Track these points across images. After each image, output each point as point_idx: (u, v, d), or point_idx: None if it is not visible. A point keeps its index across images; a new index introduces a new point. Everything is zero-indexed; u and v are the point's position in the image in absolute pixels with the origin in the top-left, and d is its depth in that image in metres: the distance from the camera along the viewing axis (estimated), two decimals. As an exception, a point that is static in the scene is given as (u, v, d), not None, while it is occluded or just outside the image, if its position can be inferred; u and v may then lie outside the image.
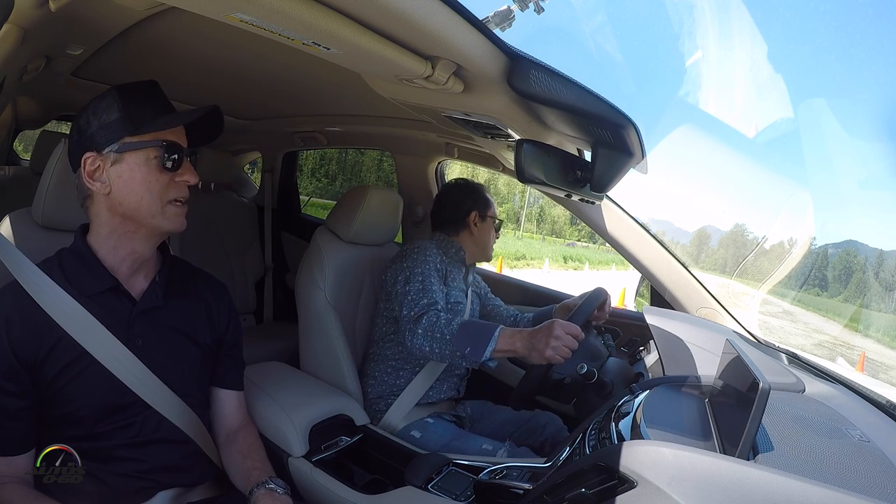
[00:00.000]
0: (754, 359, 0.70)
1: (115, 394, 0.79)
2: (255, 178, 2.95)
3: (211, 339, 0.92)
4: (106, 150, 0.75)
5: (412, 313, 1.17)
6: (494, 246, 1.51)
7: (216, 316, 0.94)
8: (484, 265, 1.76)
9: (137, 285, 0.84)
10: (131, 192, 0.76)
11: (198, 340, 0.90)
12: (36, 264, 0.77)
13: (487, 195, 1.48)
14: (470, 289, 1.44)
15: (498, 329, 1.06)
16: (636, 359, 1.36)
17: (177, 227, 0.81)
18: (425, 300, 1.18)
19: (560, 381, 1.09)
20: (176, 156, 0.78)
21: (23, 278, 0.75)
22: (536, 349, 1.00)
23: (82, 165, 0.76)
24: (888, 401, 0.89)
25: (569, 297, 1.75)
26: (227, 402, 0.97)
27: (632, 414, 0.81)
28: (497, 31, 0.78)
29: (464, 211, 1.44)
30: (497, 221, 1.49)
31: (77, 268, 0.79)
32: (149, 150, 0.76)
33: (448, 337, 1.08)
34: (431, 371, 1.32)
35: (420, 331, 1.12)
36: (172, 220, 0.80)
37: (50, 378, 0.75)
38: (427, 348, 1.11)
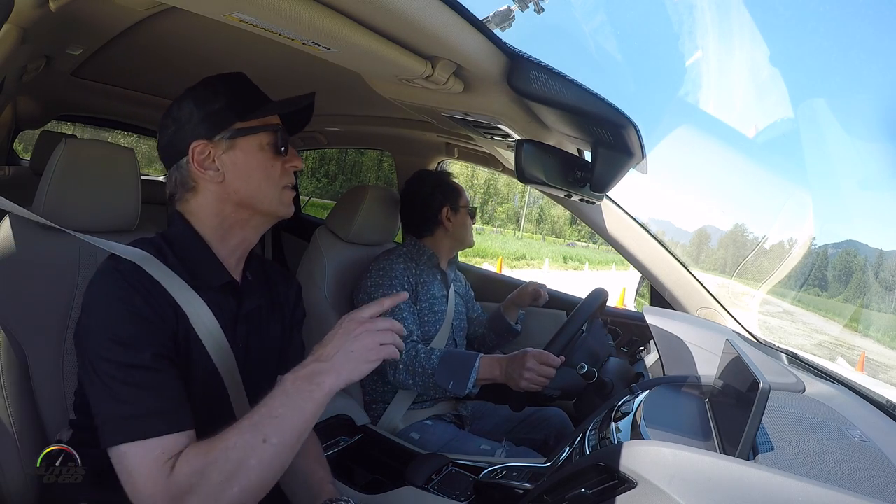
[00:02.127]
0: (754, 359, 0.70)
1: (216, 402, 0.71)
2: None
3: (284, 338, 0.84)
4: (217, 137, 0.71)
5: None
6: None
7: (290, 310, 0.86)
8: (484, 265, 1.77)
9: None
10: (249, 178, 0.72)
11: (280, 343, 0.82)
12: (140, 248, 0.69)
13: (455, 183, 1.41)
14: (451, 288, 1.41)
15: (477, 360, 1.09)
16: (636, 359, 1.36)
17: (290, 213, 0.77)
18: None
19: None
20: (285, 141, 0.74)
21: (147, 265, 0.67)
22: (512, 378, 1.05)
23: (190, 154, 0.70)
24: (888, 401, 0.89)
25: (568, 296, 1.75)
26: None
27: (632, 414, 0.81)
28: (497, 31, 0.78)
29: (435, 208, 1.37)
30: (471, 208, 1.42)
31: (194, 258, 0.72)
32: (261, 136, 0.73)
33: (430, 371, 1.11)
34: None
35: (401, 366, 1.15)
36: (287, 205, 0.76)
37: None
38: (410, 382, 1.15)
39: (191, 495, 0.56)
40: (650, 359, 1.26)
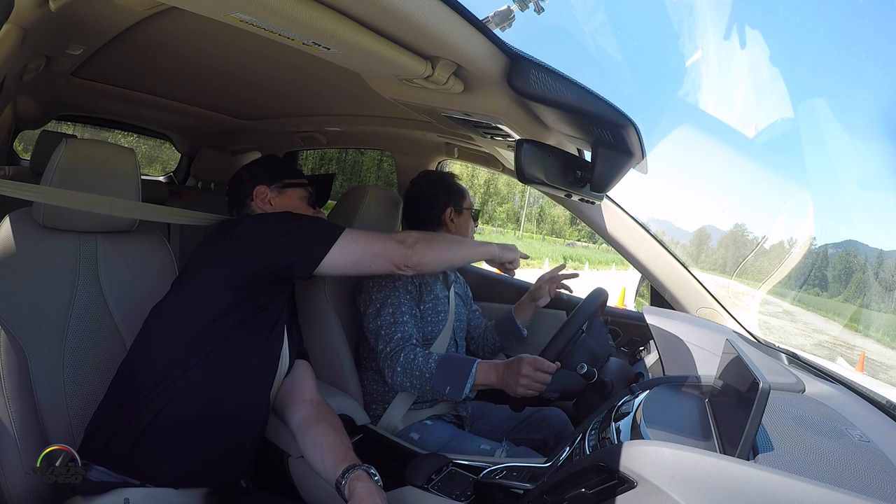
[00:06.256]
0: (754, 359, 0.70)
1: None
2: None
3: None
4: (273, 185, 1.07)
5: (388, 349, 1.18)
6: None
7: None
8: (484, 265, 1.76)
9: None
10: None
11: None
12: None
13: (459, 184, 1.42)
14: (452, 289, 1.40)
15: (474, 365, 1.09)
16: (636, 359, 1.36)
17: None
18: (398, 335, 1.19)
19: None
20: (314, 197, 1.13)
21: None
22: (508, 385, 1.05)
23: (254, 194, 1.06)
24: (888, 401, 0.89)
25: (568, 296, 1.74)
26: (305, 369, 1.08)
27: (632, 414, 0.81)
28: (497, 31, 0.78)
29: (438, 208, 1.37)
30: (474, 211, 1.42)
31: None
32: (301, 189, 1.09)
33: (427, 375, 1.11)
34: None
35: (399, 368, 1.15)
36: None
37: None
38: (408, 384, 1.14)
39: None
40: (650, 359, 1.26)
